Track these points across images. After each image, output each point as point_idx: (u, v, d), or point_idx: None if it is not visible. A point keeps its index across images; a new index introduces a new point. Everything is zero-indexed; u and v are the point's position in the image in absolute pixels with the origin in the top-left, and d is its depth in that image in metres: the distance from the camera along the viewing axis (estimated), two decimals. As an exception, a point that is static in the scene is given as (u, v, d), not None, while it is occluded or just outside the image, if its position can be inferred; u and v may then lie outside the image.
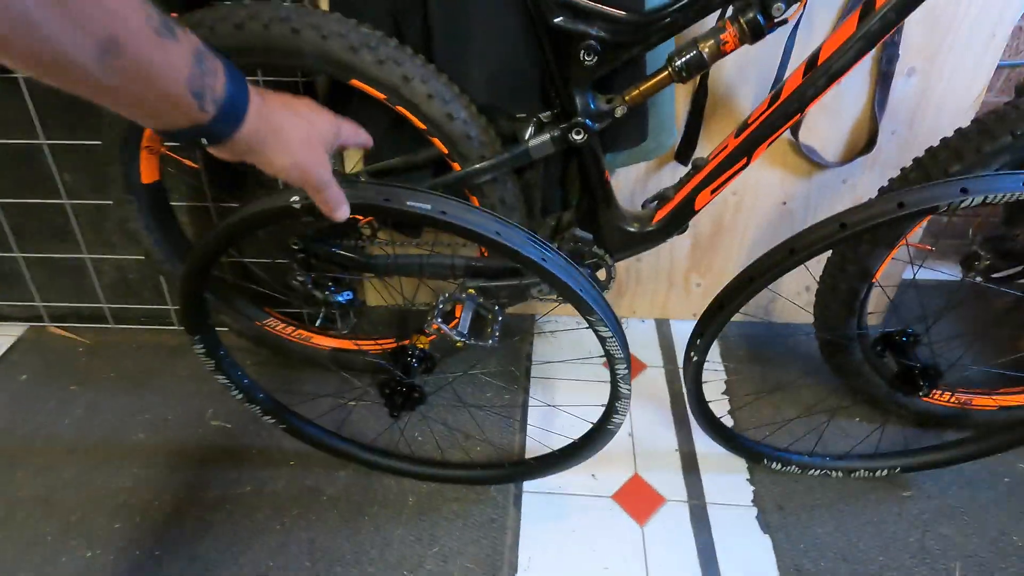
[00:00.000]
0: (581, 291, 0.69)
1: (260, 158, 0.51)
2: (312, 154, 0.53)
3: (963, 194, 0.62)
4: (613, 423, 0.86)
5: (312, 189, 0.56)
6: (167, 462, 1.06)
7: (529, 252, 0.65)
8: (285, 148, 0.51)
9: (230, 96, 0.45)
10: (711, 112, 1.04)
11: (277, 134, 0.50)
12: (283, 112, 0.51)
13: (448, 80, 0.81)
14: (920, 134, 1.06)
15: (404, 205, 0.62)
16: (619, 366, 0.77)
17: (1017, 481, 1.02)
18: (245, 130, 0.47)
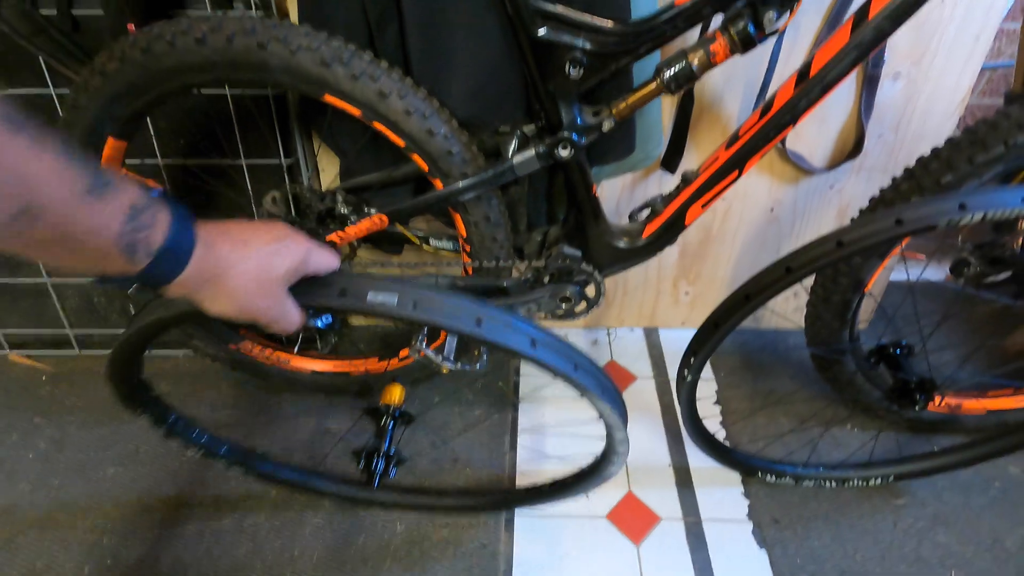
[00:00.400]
0: (614, 406, 0.66)
1: (199, 299, 0.47)
2: (261, 299, 0.49)
3: (962, 210, 0.60)
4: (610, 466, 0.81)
5: (266, 324, 0.52)
6: (140, 498, 1.00)
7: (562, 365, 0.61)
8: (226, 296, 0.47)
9: (170, 245, 0.42)
10: (697, 119, 1.01)
11: (221, 279, 0.46)
12: (233, 254, 0.47)
13: (427, 94, 0.77)
14: (907, 138, 1.05)
15: (363, 302, 0.54)
16: (620, 446, 0.75)
17: (1008, 485, 1.02)
18: (185, 276, 0.44)
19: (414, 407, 1.15)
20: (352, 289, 0.54)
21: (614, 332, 1.32)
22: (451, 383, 1.19)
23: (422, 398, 1.17)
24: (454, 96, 0.79)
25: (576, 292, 0.90)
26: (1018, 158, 0.74)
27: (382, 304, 0.54)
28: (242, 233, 0.48)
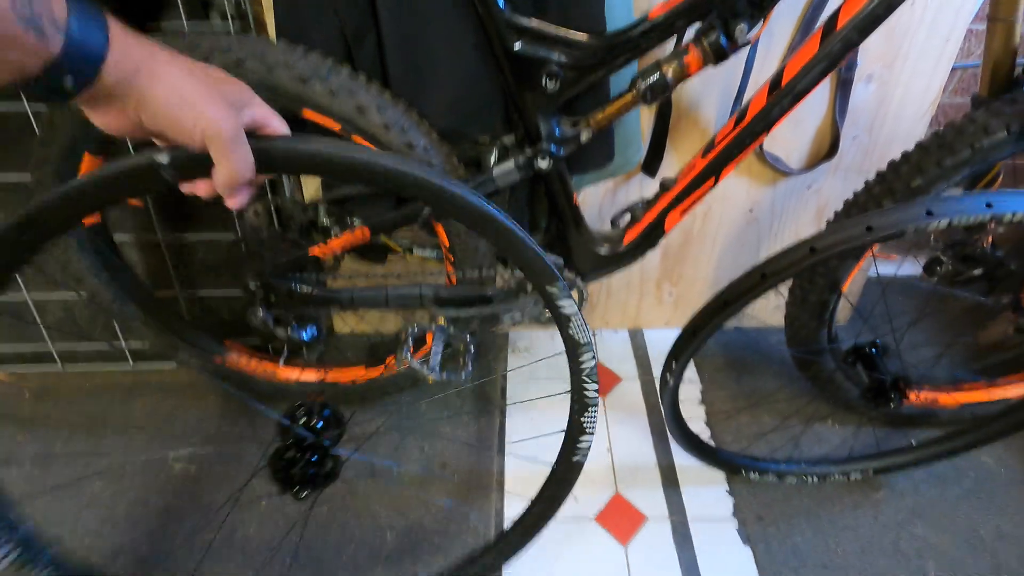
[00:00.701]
0: (542, 253, 0.56)
1: (138, 100, 0.41)
2: (207, 94, 0.43)
3: (929, 217, 0.62)
4: (580, 451, 0.69)
5: (218, 146, 0.44)
6: (128, 512, 1.00)
7: (490, 210, 0.54)
8: (166, 79, 0.41)
9: (78, 17, 0.38)
10: (676, 124, 1.02)
11: (152, 63, 0.41)
12: (161, 49, 0.43)
13: (406, 108, 0.78)
14: (880, 138, 1.07)
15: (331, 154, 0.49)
16: (586, 356, 0.60)
17: (983, 476, 1.05)
18: (112, 61, 0.39)
19: (402, 414, 1.16)
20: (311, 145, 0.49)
21: (599, 334, 1.34)
22: (437, 388, 1.20)
23: (409, 404, 1.18)
24: (433, 109, 0.80)
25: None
26: (984, 161, 0.76)
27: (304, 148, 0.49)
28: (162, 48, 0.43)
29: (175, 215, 1.04)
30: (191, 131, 0.43)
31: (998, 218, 0.60)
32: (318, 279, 0.90)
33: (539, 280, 0.58)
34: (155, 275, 1.11)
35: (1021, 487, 1.04)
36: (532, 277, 0.58)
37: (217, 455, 1.08)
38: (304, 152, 0.49)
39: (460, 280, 0.91)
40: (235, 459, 1.08)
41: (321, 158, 0.49)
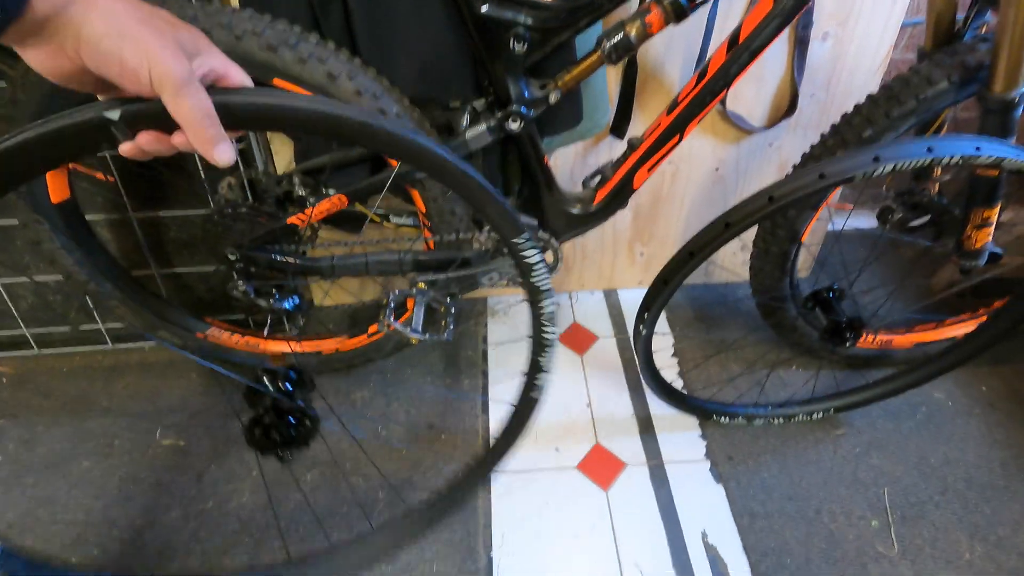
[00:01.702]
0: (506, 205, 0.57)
1: (76, 36, 0.37)
2: (153, 32, 0.38)
3: (875, 163, 0.67)
4: (537, 388, 0.72)
5: (169, 91, 0.39)
6: (119, 489, 1.02)
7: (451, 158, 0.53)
8: (109, 10, 0.37)
9: None
10: (642, 86, 1.05)
11: (89, 2, 0.36)
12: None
13: (376, 74, 0.79)
14: (836, 95, 1.11)
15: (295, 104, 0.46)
16: (547, 302, 0.63)
17: (933, 409, 1.14)
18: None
19: (387, 381, 1.19)
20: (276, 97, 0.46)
21: (576, 296, 1.38)
22: (419, 355, 1.23)
23: (394, 371, 1.20)
24: (403, 75, 0.81)
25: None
26: (929, 111, 0.81)
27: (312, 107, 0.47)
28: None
29: (146, 192, 1.04)
30: (136, 70, 0.38)
31: (938, 161, 0.65)
32: (298, 249, 0.91)
33: (504, 231, 0.59)
34: (129, 254, 1.10)
35: (967, 417, 1.12)
36: (497, 229, 0.59)
37: (205, 429, 1.10)
38: (268, 105, 0.45)
39: (438, 245, 0.93)
40: (223, 432, 1.10)
41: (285, 111, 0.46)
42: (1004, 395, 1.16)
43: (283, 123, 0.48)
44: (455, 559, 0.93)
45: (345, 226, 1.05)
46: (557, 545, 0.95)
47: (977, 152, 0.66)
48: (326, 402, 1.11)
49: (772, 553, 0.94)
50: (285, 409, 0.70)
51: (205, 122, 0.41)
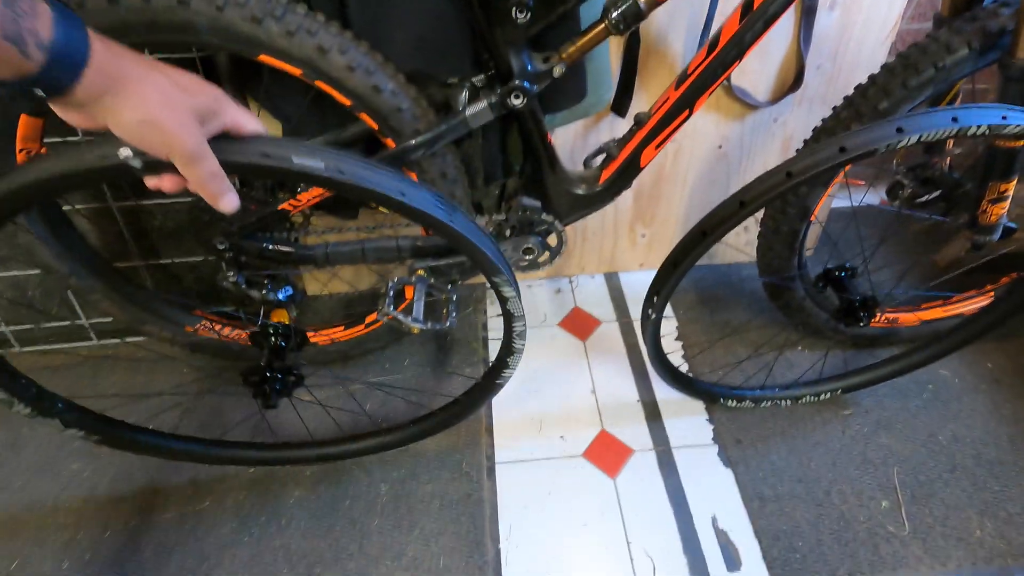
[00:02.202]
0: (490, 252, 0.66)
1: (106, 112, 0.43)
2: (172, 113, 0.44)
3: (899, 134, 0.64)
4: (503, 378, 0.87)
5: (182, 162, 0.45)
6: (111, 489, 0.98)
7: (436, 213, 0.60)
8: (135, 101, 0.43)
9: (62, 39, 0.39)
10: (644, 60, 1.01)
11: (125, 84, 0.42)
12: (136, 63, 0.43)
13: (369, 48, 0.74)
14: (844, 67, 1.08)
15: (290, 163, 0.50)
16: (518, 323, 0.77)
17: (940, 386, 1.13)
18: (88, 77, 0.41)
19: (384, 372, 1.15)
20: (277, 151, 0.50)
21: (576, 280, 1.35)
22: (419, 344, 1.20)
23: (393, 361, 1.17)
24: (397, 49, 0.76)
25: (539, 243, 0.91)
26: (947, 79, 0.78)
27: (307, 166, 0.51)
28: (141, 56, 0.45)
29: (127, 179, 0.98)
30: (157, 149, 0.45)
31: (964, 131, 0.62)
32: (290, 237, 0.87)
33: (485, 271, 0.69)
34: (112, 245, 1.05)
35: (974, 394, 1.11)
36: (480, 268, 0.68)
37: (199, 426, 1.06)
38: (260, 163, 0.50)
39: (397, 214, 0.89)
40: (217, 427, 1.06)
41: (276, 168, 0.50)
42: (1010, 371, 1.15)
43: (278, 175, 0.52)
44: (462, 552, 0.91)
45: (340, 212, 1.01)
46: (566, 535, 0.93)
47: (1004, 121, 0.63)
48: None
49: (783, 536, 0.93)
50: (276, 366, 0.79)
51: (211, 183, 0.48)
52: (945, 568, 0.89)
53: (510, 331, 0.79)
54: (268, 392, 0.80)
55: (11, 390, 0.71)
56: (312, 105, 0.82)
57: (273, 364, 0.81)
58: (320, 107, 0.82)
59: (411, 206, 0.57)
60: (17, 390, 0.72)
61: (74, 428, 0.77)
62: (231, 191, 0.49)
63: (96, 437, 0.81)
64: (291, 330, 0.81)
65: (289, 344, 0.82)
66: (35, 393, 0.74)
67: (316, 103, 0.81)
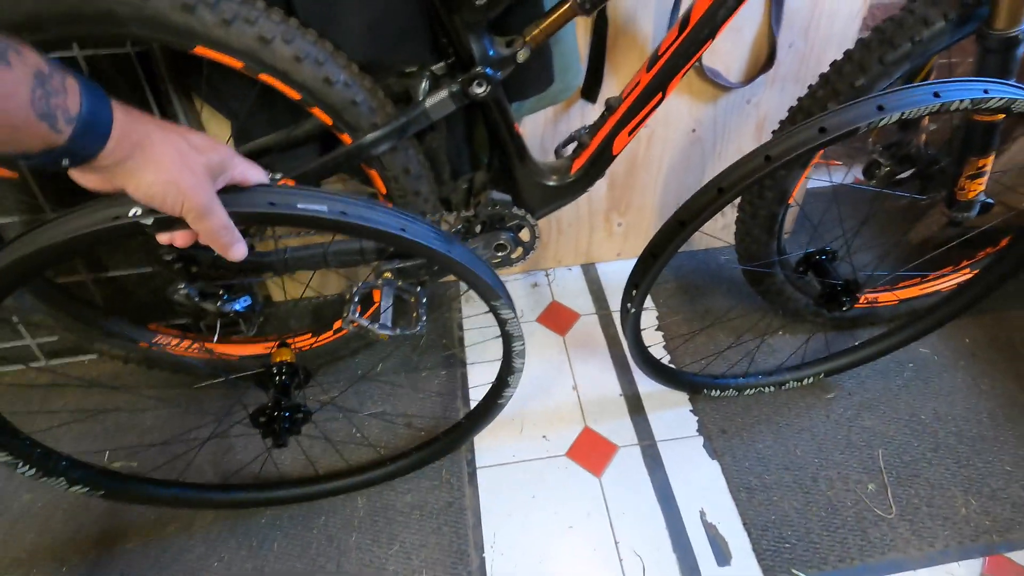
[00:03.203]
0: (488, 279, 0.69)
1: (126, 176, 0.45)
2: (187, 173, 0.47)
3: (880, 112, 0.61)
4: (504, 397, 0.86)
5: (193, 217, 0.48)
6: (67, 520, 0.92)
7: (436, 245, 0.62)
8: (154, 163, 0.46)
9: (88, 113, 0.41)
10: (613, 43, 0.97)
11: (144, 147, 0.45)
12: (152, 127, 0.46)
13: (317, 37, 0.68)
14: (816, 44, 1.05)
15: (295, 209, 0.54)
16: (517, 343, 0.78)
17: (920, 365, 1.12)
18: (111, 146, 0.43)
19: (356, 378, 1.10)
20: (282, 199, 0.54)
21: (553, 273, 1.31)
22: (392, 347, 1.15)
23: (365, 366, 1.12)
24: (348, 36, 0.70)
25: (511, 238, 0.86)
26: (923, 54, 0.75)
27: (312, 211, 0.54)
28: (156, 119, 0.48)
29: (63, 189, 0.91)
30: (171, 207, 0.47)
31: (947, 106, 0.60)
32: (244, 243, 0.81)
33: (485, 297, 0.71)
34: (52, 259, 0.98)
35: (953, 372, 1.11)
36: (479, 294, 0.70)
37: (160, 448, 1.00)
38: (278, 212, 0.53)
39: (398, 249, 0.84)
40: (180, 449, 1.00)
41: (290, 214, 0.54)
42: (986, 344, 1.15)
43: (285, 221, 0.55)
44: (445, 564, 0.87)
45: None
46: (552, 538, 0.90)
47: (986, 95, 0.61)
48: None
49: (772, 527, 0.91)
50: (283, 404, 0.79)
51: (222, 234, 0.50)
52: (933, 548, 0.89)
53: (510, 352, 0.79)
54: (278, 431, 0.79)
55: (14, 450, 0.68)
56: (259, 100, 0.76)
57: (281, 403, 0.79)
58: (269, 102, 0.76)
59: (412, 240, 0.60)
60: (21, 450, 0.69)
61: (79, 485, 0.75)
62: (240, 241, 0.52)
63: (102, 492, 0.78)
64: (296, 368, 0.82)
65: (295, 382, 0.81)
66: (40, 453, 0.71)
67: (264, 98, 0.75)
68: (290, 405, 0.79)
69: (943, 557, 0.88)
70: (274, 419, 0.78)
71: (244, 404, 0.91)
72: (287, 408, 0.79)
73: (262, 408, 0.79)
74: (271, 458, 0.98)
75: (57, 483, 0.73)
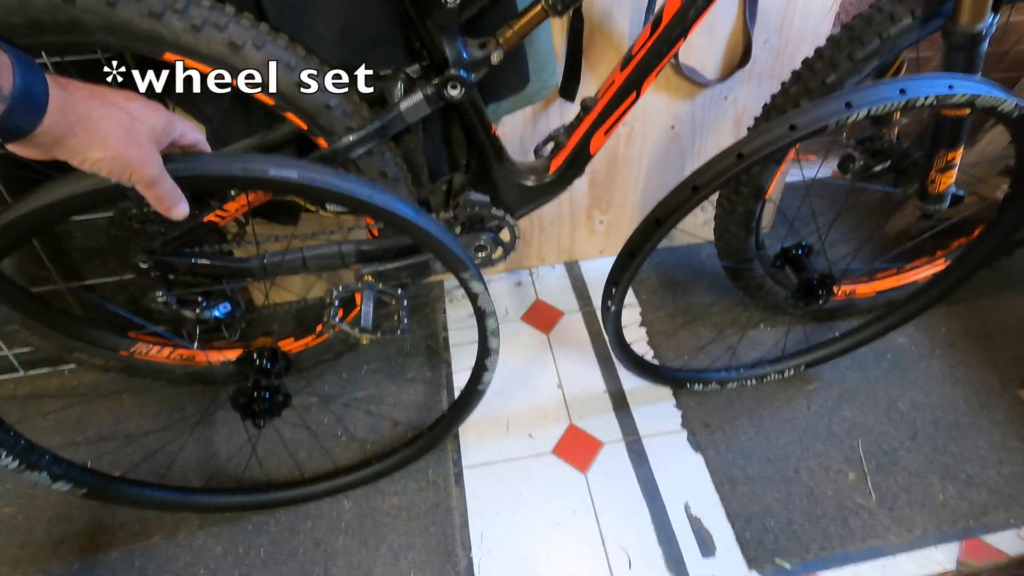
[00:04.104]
0: (456, 250, 0.68)
1: (69, 152, 0.46)
2: (134, 147, 0.48)
3: (848, 108, 0.62)
4: (483, 383, 0.85)
5: (143, 186, 0.50)
6: (48, 532, 0.91)
7: (404, 212, 0.62)
8: (100, 140, 0.46)
9: (22, 88, 0.41)
10: (590, 42, 0.97)
11: (86, 124, 0.45)
12: (92, 102, 0.46)
13: (289, 41, 0.68)
14: (790, 40, 1.06)
15: (266, 173, 0.55)
16: (491, 320, 0.76)
17: (898, 355, 1.14)
18: (48, 123, 0.43)
19: (341, 382, 1.10)
20: (252, 165, 0.55)
21: (536, 271, 1.31)
22: (376, 350, 1.15)
23: (350, 369, 1.12)
24: (320, 40, 0.70)
25: (491, 239, 0.87)
26: (892, 50, 0.76)
27: (283, 176, 0.55)
28: (93, 87, 0.47)
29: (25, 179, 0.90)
30: (119, 176, 0.48)
31: (912, 102, 0.61)
32: (221, 249, 0.80)
33: (452, 268, 0.70)
34: (28, 268, 0.96)
35: (930, 360, 1.13)
36: (446, 264, 0.70)
37: (143, 456, 0.99)
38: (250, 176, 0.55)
39: (382, 231, 0.84)
40: (163, 455, 0.99)
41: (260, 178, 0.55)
42: (961, 333, 1.17)
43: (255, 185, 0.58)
44: (433, 565, 0.88)
45: (279, 218, 0.94)
46: (539, 536, 0.91)
47: (950, 91, 0.62)
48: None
49: (755, 518, 0.92)
50: (263, 385, 0.79)
51: (167, 196, 0.51)
52: (912, 534, 0.91)
53: (484, 330, 0.77)
54: (258, 411, 0.78)
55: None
56: (234, 105, 0.75)
57: (261, 383, 0.79)
58: (244, 107, 0.76)
59: (379, 206, 0.60)
60: (4, 441, 0.69)
61: (62, 482, 0.75)
62: (183, 200, 0.53)
63: (84, 491, 0.78)
64: (277, 353, 0.81)
65: (276, 367, 0.81)
66: (24, 445, 0.71)
67: (239, 103, 0.75)
68: (270, 386, 0.79)
69: (922, 542, 0.90)
70: (254, 400, 0.78)
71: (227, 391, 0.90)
72: (267, 388, 0.79)
73: (242, 389, 0.79)
74: (257, 460, 0.97)
75: (40, 477, 0.73)
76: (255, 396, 0.78)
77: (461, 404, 0.91)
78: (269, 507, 0.93)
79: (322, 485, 0.94)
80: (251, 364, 0.81)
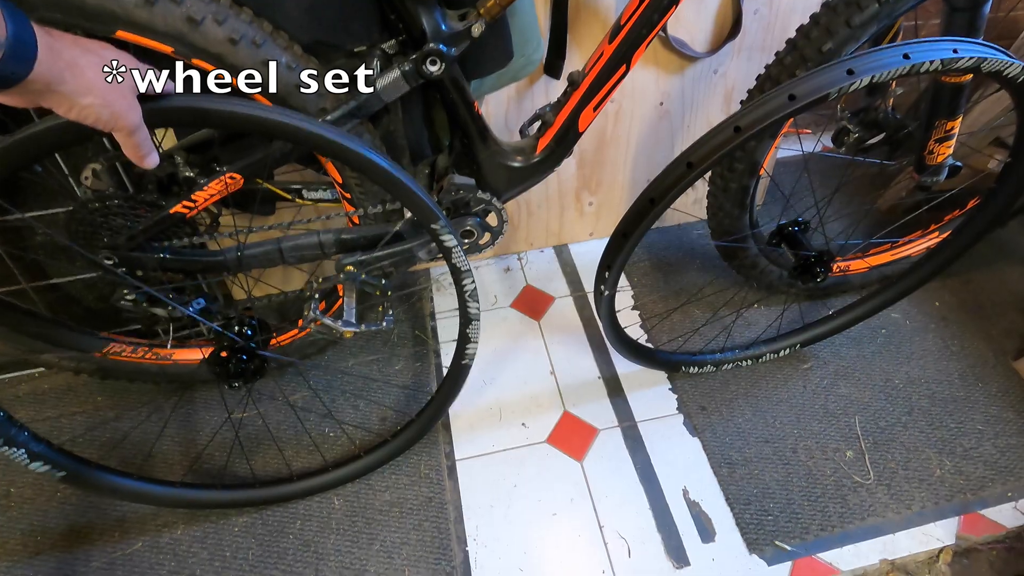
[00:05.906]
0: (425, 198, 0.65)
1: (59, 99, 0.46)
2: (121, 96, 0.49)
3: (850, 76, 0.59)
4: (468, 355, 0.82)
5: (123, 133, 0.51)
6: (25, 542, 0.87)
7: (368, 154, 0.61)
8: (87, 86, 0.47)
9: (14, 36, 0.41)
10: (575, 15, 0.93)
11: (74, 70, 0.46)
12: (76, 49, 0.47)
13: (254, 16, 0.63)
14: (781, 10, 1.03)
15: (234, 108, 0.56)
16: (467, 281, 0.73)
17: (892, 330, 1.13)
18: (39, 69, 0.43)
19: (327, 374, 1.06)
20: (224, 106, 0.56)
21: (525, 256, 1.28)
22: (363, 341, 1.11)
23: (336, 359, 1.08)
24: (289, 14, 0.65)
25: (477, 224, 0.83)
26: (890, 15, 0.73)
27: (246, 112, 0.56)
28: (74, 36, 0.48)
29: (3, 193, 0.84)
30: (105, 124, 0.49)
31: (917, 68, 0.58)
32: (192, 243, 0.76)
33: (423, 217, 0.67)
34: (-13, 269, 0.91)
35: (924, 334, 1.12)
36: (416, 214, 0.67)
37: (120, 461, 0.95)
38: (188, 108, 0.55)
39: (363, 219, 0.80)
40: (143, 459, 0.96)
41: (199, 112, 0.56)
42: (954, 307, 1.16)
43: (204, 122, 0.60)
44: (428, 561, 0.85)
45: (253, 207, 0.89)
46: (536, 527, 0.89)
47: (955, 55, 0.59)
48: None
49: (754, 500, 0.91)
50: (240, 348, 0.76)
51: (141, 146, 0.53)
52: (910, 511, 0.90)
53: (462, 293, 0.74)
54: (232, 372, 0.76)
55: None
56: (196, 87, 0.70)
57: (235, 346, 0.76)
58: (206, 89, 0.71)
59: (351, 148, 0.60)
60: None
61: (39, 462, 0.72)
62: (155, 151, 0.54)
63: (63, 473, 0.75)
64: (256, 322, 0.78)
65: (255, 335, 0.78)
66: (2, 417, 0.69)
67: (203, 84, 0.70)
68: (244, 348, 0.76)
69: (920, 519, 0.89)
70: (228, 360, 0.76)
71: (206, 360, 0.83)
72: (243, 351, 0.76)
73: (218, 349, 0.76)
74: (244, 456, 0.94)
75: (17, 455, 0.70)
76: (230, 358, 0.76)
77: (449, 382, 0.87)
78: (254, 504, 0.90)
79: (311, 481, 0.91)
80: (231, 327, 0.77)
